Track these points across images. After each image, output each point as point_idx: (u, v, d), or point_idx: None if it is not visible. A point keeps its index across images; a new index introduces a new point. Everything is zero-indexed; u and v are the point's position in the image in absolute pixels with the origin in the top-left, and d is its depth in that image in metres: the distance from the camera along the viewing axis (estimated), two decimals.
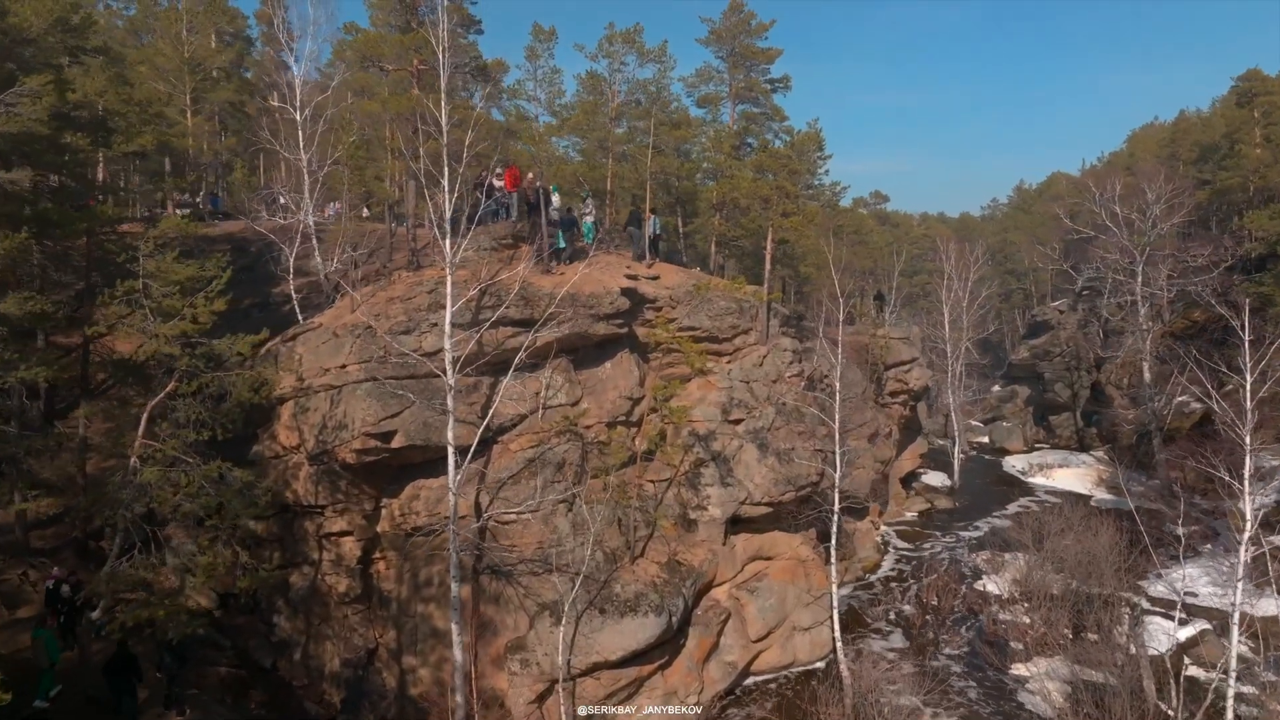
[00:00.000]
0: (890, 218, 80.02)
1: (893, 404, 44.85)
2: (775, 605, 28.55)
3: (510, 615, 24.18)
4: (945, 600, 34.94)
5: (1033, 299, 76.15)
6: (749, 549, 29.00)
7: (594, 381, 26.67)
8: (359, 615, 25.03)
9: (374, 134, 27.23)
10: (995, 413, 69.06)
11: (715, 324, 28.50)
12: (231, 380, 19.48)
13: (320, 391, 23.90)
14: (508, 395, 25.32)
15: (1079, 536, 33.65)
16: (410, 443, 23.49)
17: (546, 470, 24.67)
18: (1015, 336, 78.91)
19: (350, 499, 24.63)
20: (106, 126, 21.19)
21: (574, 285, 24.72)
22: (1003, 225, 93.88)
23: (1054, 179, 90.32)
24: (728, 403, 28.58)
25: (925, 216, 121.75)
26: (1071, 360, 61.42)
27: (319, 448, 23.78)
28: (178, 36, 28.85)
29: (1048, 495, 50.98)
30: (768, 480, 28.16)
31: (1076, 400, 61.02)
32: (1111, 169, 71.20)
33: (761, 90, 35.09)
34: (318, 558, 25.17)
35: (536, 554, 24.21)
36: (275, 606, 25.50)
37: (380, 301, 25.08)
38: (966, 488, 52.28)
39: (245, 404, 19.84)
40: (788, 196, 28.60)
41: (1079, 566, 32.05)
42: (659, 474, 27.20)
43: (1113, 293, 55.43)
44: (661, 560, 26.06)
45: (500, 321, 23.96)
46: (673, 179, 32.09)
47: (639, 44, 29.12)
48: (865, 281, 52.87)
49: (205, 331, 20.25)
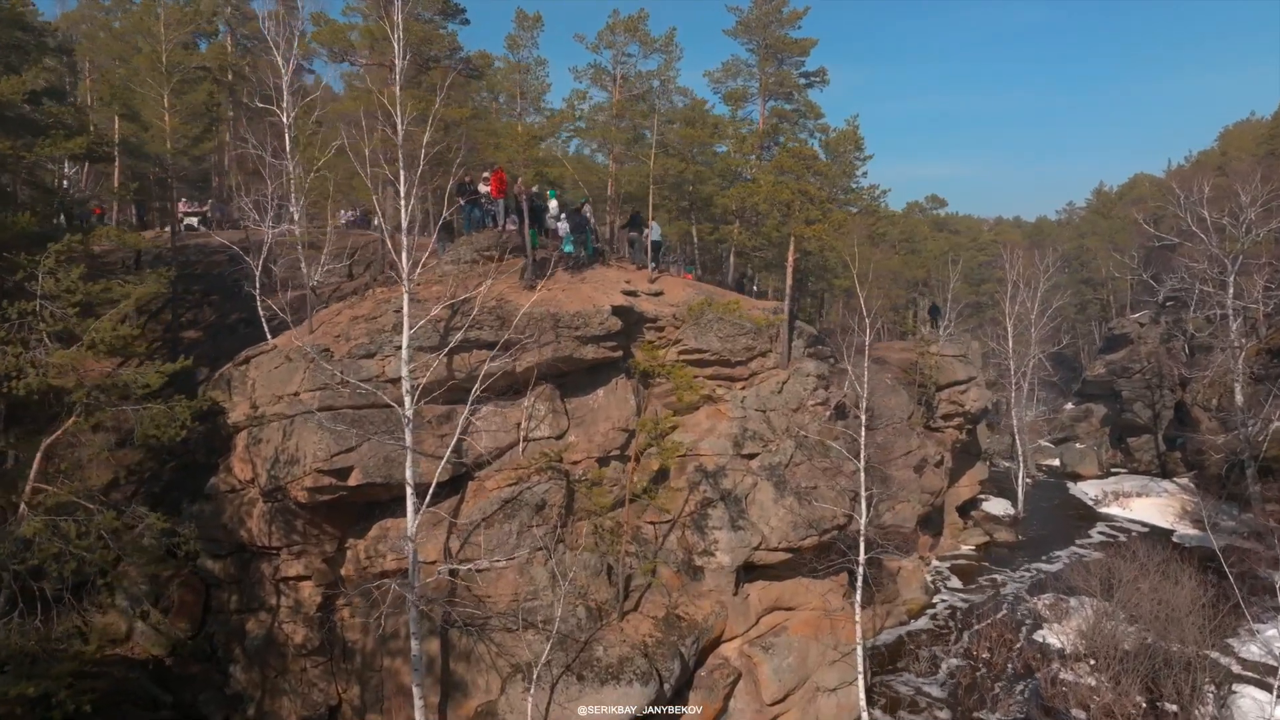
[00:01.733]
0: (949, 223, 75.06)
1: (946, 428, 40.88)
2: (794, 664, 25.20)
3: (482, 675, 21.39)
4: (998, 654, 31.14)
5: (1110, 310, 70.58)
6: (765, 599, 25.72)
7: (584, 411, 23.74)
8: (319, 668, 22.55)
9: (357, 135, 24.89)
10: (1067, 432, 64.21)
11: (727, 346, 25.26)
12: (139, 415, 17.11)
13: (273, 421, 21.50)
14: (485, 427, 22.64)
15: (1156, 583, 29.55)
16: (369, 480, 20.92)
17: (523, 513, 21.82)
18: (1091, 351, 73.38)
19: (308, 540, 22.19)
20: (35, 128, 19.23)
21: (557, 303, 21.87)
22: (1079, 230, 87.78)
23: (1136, 181, 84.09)
24: (740, 434, 25.33)
25: (999, 221, 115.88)
26: (1153, 378, 56.58)
27: (272, 483, 21.37)
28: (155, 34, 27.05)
29: (1122, 528, 46.48)
30: (785, 523, 24.81)
31: (1158, 422, 56.09)
32: (1200, 169, 65.32)
33: (794, 85, 31.74)
34: (275, 604, 22.78)
35: (511, 607, 21.39)
36: (232, 655, 23.19)
37: (344, 321, 22.59)
38: (1032, 517, 48.06)
39: (153, 441, 17.37)
40: (812, 201, 25.25)
41: (1156, 619, 28.07)
42: (660, 515, 24.14)
43: (1200, 305, 50.69)
44: (658, 615, 22.99)
45: (473, 344, 21.25)
46: (686, 181, 28.96)
47: (642, 32, 26.14)
48: (918, 293, 48.94)
49: (139, 355, 17.94)
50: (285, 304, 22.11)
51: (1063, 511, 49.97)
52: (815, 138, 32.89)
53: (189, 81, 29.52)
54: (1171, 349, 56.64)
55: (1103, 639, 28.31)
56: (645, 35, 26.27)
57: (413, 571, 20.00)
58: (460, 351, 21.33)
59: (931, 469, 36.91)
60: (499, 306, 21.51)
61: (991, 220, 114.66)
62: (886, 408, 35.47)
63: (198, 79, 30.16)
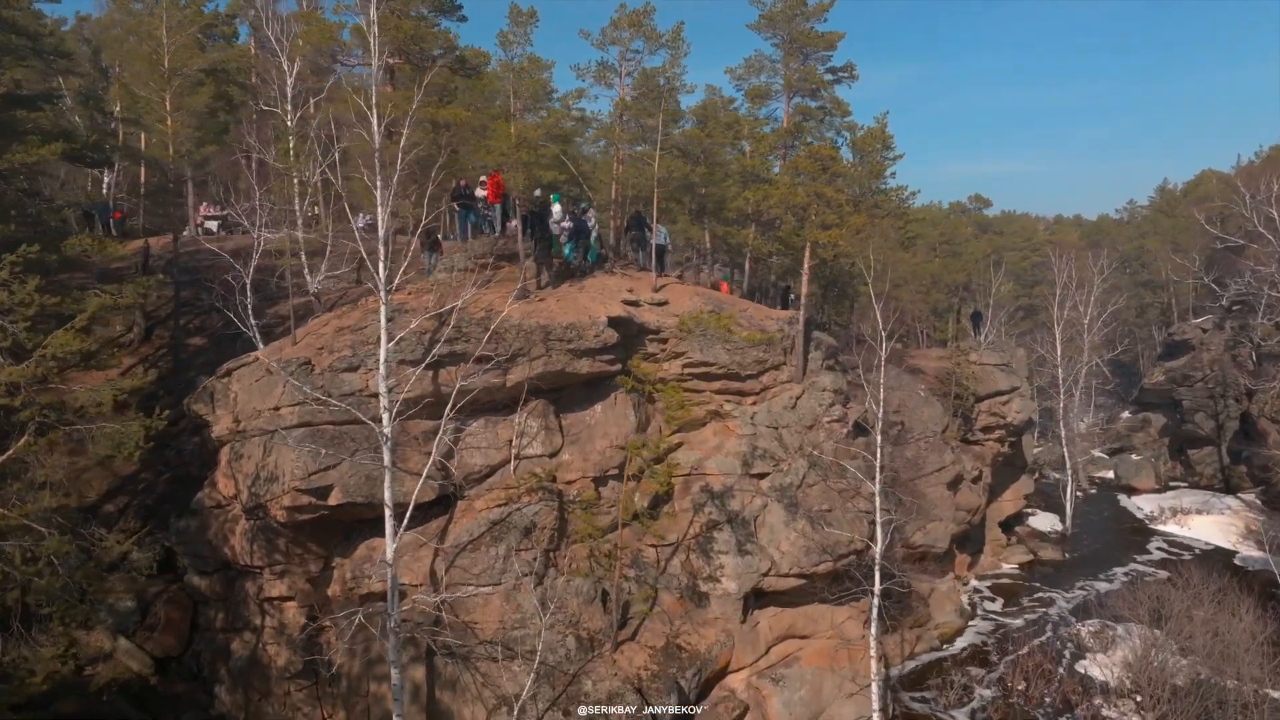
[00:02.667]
0: (995, 223, 71.85)
1: (986, 441, 38.72)
2: (807, 697, 23.75)
3: (468, 706, 20.34)
4: (1035, 685, 29.18)
5: (1171, 315, 67.00)
6: (777, 627, 24.24)
7: (580, 428, 22.49)
8: (304, 692, 21.70)
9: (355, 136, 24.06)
10: (1123, 443, 61.09)
11: (736, 358, 23.74)
12: (93, 435, 16.36)
13: (254, 437, 20.68)
14: (476, 443, 21.58)
15: (1211, 613, 27.37)
16: (349, 499, 20.00)
17: (511, 535, 20.67)
18: (1150, 357, 69.84)
19: (291, 560, 21.37)
20: (12, 133, 18.68)
21: (549, 314, 20.68)
22: (1139, 230, 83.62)
23: (1203, 178, 79.64)
24: (749, 453, 23.83)
25: (1058, 219, 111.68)
26: (1216, 387, 53.43)
27: (252, 501, 20.57)
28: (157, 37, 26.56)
29: (1181, 546, 43.75)
30: (797, 548, 23.29)
31: (1221, 433, 52.92)
32: (1271, 165, 61.56)
33: (819, 81, 30.03)
34: (259, 624, 22.00)
35: (497, 635, 20.27)
36: (218, 675, 22.48)
37: (329, 332, 21.68)
38: (1081, 534, 45.60)
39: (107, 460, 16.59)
40: (829, 205, 23.62)
41: (1210, 653, 25.96)
42: (663, 537, 22.80)
43: (1269, 310, 47.52)
44: (657, 644, 21.66)
45: (459, 358, 20.17)
46: (696, 183, 27.45)
47: (648, 27, 24.73)
48: (959, 298, 46.72)
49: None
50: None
51: (1115, 528, 47.36)
52: (842, 136, 31.17)
53: (194, 84, 29.00)
54: (1237, 357, 53.54)
55: (1152, 672, 26.23)
56: (651, 30, 24.88)
57: (392, 598, 19.01)
58: (447, 365, 20.29)
59: (968, 485, 34.88)
60: (487, 318, 20.38)
61: (1050, 219, 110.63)
62: (919, 420, 33.59)
63: (201, 81, 29.65)
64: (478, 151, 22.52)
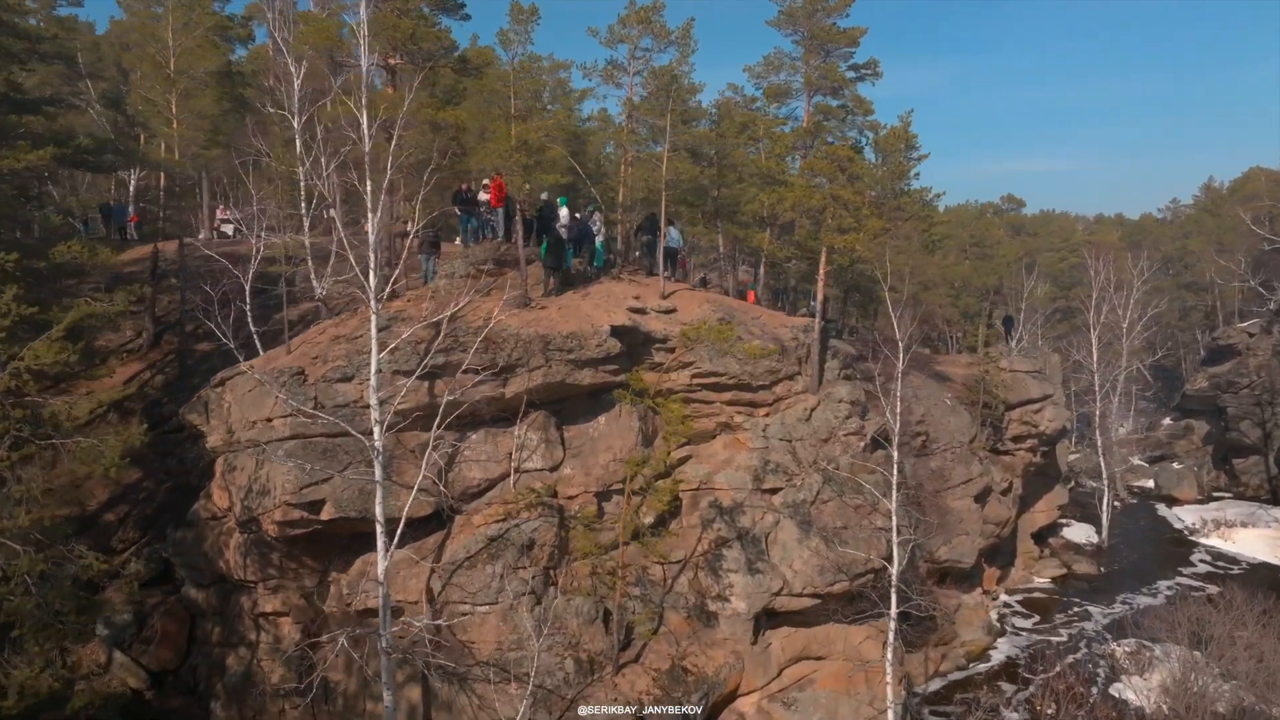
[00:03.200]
0: (1029, 224, 69.65)
1: (1017, 451, 37.27)
2: None
3: None
4: (1066, 709, 27.68)
5: (1215, 318, 64.57)
6: (790, 648, 23.24)
7: (582, 440, 21.66)
8: (299, 710, 21.10)
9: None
10: (1164, 450, 59.02)
11: (747, 368, 22.76)
12: (69, 450, 15.87)
13: (247, 448, 20.13)
14: (475, 456, 20.86)
15: (1255, 636, 25.93)
16: (342, 514, 19.36)
17: (509, 553, 19.90)
18: (1193, 362, 67.44)
19: (285, 574, 20.82)
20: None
21: (550, 323, 19.89)
22: (1182, 230, 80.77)
23: (1251, 175, 76.59)
24: (761, 467, 22.85)
25: (1099, 219, 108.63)
26: (1263, 394, 51.36)
27: (245, 514, 20.03)
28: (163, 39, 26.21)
29: (1225, 560, 41.91)
30: (810, 566, 22.28)
31: (1269, 442, 50.82)
32: None
33: (840, 78, 28.94)
34: (254, 639, 21.49)
35: (494, 656, 19.51)
36: (214, 690, 22.00)
37: (324, 340, 21.08)
38: (1118, 547, 43.82)
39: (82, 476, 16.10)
40: (846, 208, 22.56)
41: (1256, 678, 24.54)
42: (666, 556, 21.89)
43: None
44: (662, 666, 20.78)
45: (455, 368, 19.45)
46: (707, 185, 26.48)
47: (656, 24, 23.80)
48: (990, 301, 45.18)
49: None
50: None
51: (1154, 540, 45.48)
52: (864, 136, 30.05)
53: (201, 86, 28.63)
54: None
55: (1192, 697, 24.83)
56: (660, 27, 23.97)
57: (384, 618, 18.38)
58: (444, 376, 19.58)
59: (997, 497, 33.54)
60: (484, 326, 19.62)
61: (1090, 218, 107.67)
62: (945, 430, 32.31)
63: (207, 84, 29.27)
64: (476, 154, 21.80)
